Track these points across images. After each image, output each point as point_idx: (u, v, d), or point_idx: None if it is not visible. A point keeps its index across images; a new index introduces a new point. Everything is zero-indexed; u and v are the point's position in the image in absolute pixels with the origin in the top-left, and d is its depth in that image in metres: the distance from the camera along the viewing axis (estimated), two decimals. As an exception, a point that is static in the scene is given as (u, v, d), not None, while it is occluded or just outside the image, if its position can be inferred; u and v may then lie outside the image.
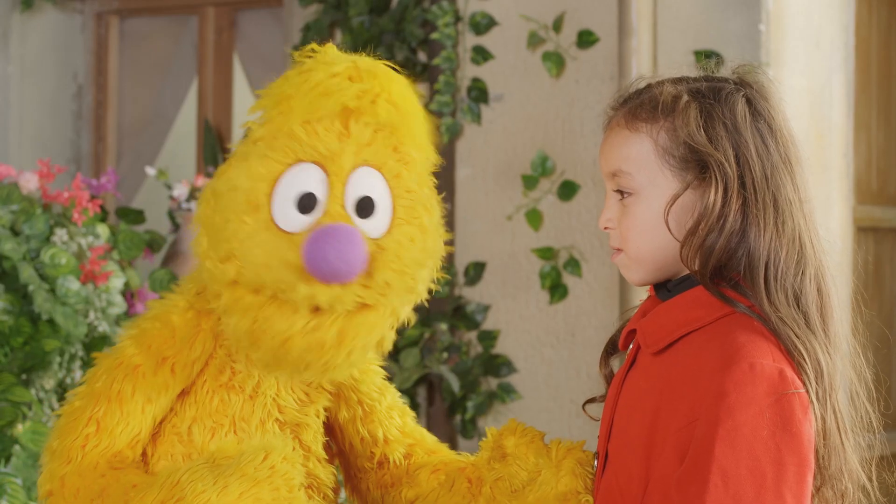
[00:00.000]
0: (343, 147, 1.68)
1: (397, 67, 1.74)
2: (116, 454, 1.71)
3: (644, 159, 1.66)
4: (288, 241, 1.65)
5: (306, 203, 1.67)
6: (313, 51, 1.72)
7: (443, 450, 1.97)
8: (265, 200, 1.66)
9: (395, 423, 1.95)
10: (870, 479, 1.68)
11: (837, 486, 1.62)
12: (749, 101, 1.68)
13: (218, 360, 1.77)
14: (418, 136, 1.75)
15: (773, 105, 1.70)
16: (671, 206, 1.64)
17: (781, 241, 1.63)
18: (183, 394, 1.76)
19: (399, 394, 2.00)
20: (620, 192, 1.69)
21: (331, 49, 1.73)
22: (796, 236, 1.64)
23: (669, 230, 1.65)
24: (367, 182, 1.70)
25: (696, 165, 1.64)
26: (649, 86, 1.72)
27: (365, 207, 1.70)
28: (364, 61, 1.71)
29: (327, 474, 1.84)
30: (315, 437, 1.85)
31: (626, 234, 1.68)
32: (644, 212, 1.66)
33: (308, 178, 1.67)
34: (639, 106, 1.69)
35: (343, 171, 1.68)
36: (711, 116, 1.66)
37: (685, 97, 1.66)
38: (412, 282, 1.74)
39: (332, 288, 1.64)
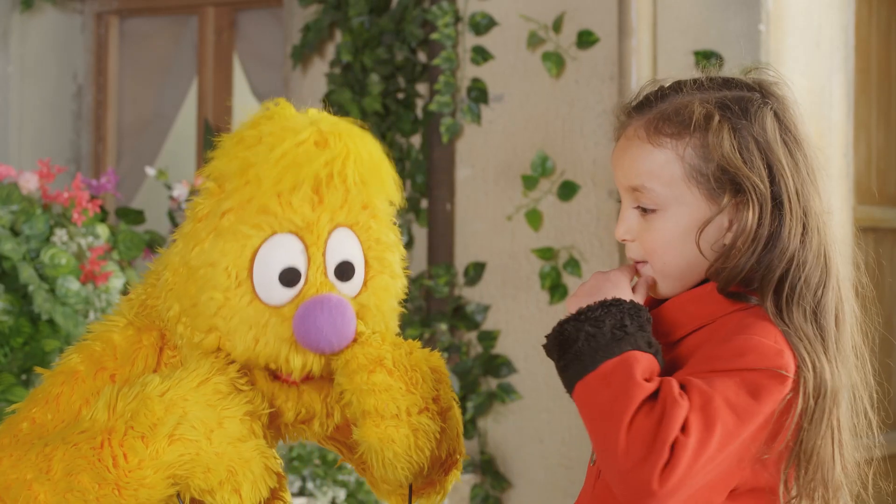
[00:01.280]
0: (318, 215, 1.69)
1: (359, 122, 1.74)
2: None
3: (669, 176, 1.63)
4: (277, 316, 1.68)
5: (290, 277, 1.68)
6: (268, 109, 1.71)
7: None
8: (246, 275, 1.67)
9: None
10: (865, 486, 1.68)
11: (817, 499, 1.62)
12: (776, 115, 1.65)
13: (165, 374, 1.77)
14: (386, 187, 1.75)
15: (794, 115, 1.67)
16: (704, 228, 1.62)
17: (807, 256, 1.62)
18: None
19: None
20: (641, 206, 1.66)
21: (286, 107, 1.72)
22: (821, 251, 1.64)
23: (700, 250, 1.63)
24: (344, 245, 1.72)
25: (730, 186, 1.62)
26: (666, 93, 1.68)
27: (345, 271, 1.72)
28: (326, 122, 1.70)
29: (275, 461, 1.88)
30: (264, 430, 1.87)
31: (650, 249, 1.65)
32: (671, 228, 1.64)
33: (288, 251, 1.68)
34: (661, 119, 1.64)
35: (321, 240, 1.70)
36: (744, 135, 1.62)
37: (717, 116, 1.62)
38: (393, 326, 1.80)
39: (324, 356, 1.69)
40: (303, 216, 1.68)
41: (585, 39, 4.00)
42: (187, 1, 5.09)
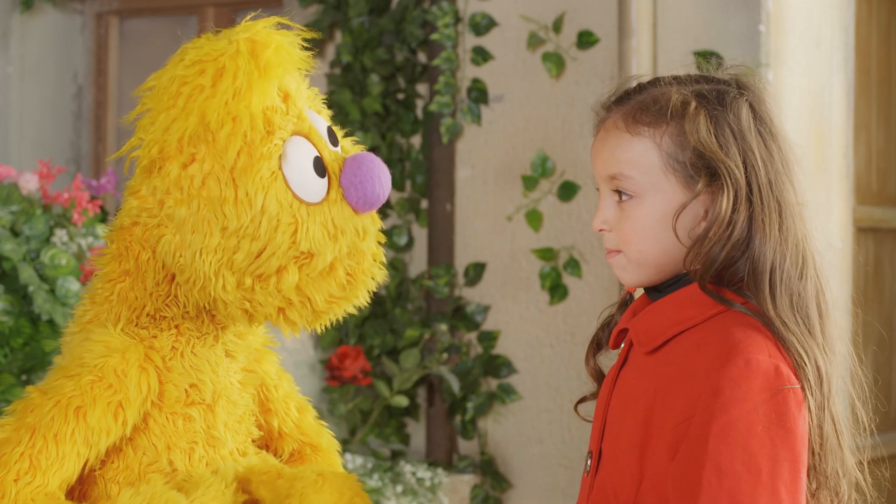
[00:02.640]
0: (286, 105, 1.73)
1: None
2: (50, 495, 1.66)
3: (647, 163, 1.65)
4: (329, 203, 1.70)
5: (319, 165, 1.71)
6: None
7: (329, 457, 1.95)
8: (290, 196, 1.68)
9: (291, 416, 1.93)
10: (865, 480, 1.69)
11: (834, 489, 1.63)
12: (752, 106, 1.68)
13: (170, 390, 1.75)
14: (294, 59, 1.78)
15: (770, 108, 1.70)
16: (679, 214, 1.64)
17: (786, 246, 1.63)
18: (139, 431, 1.73)
19: (296, 385, 1.97)
20: (618, 193, 1.68)
21: (183, 53, 1.74)
22: (798, 241, 1.65)
23: (677, 237, 1.64)
24: (317, 116, 1.76)
25: (706, 172, 1.63)
26: (644, 86, 1.70)
27: (332, 136, 1.77)
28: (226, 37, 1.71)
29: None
30: (252, 421, 1.87)
31: (626, 237, 1.67)
32: (647, 216, 1.65)
33: (297, 150, 1.70)
34: (639, 108, 1.67)
35: (305, 122, 1.73)
36: (719, 122, 1.65)
37: (693, 102, 1.65)
38: None
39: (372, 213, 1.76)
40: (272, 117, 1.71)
41: (585, 40, 4.00)
42: (187, 1, 5.09)
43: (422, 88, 4.25)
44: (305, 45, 1.74)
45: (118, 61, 5.22)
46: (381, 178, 1.70)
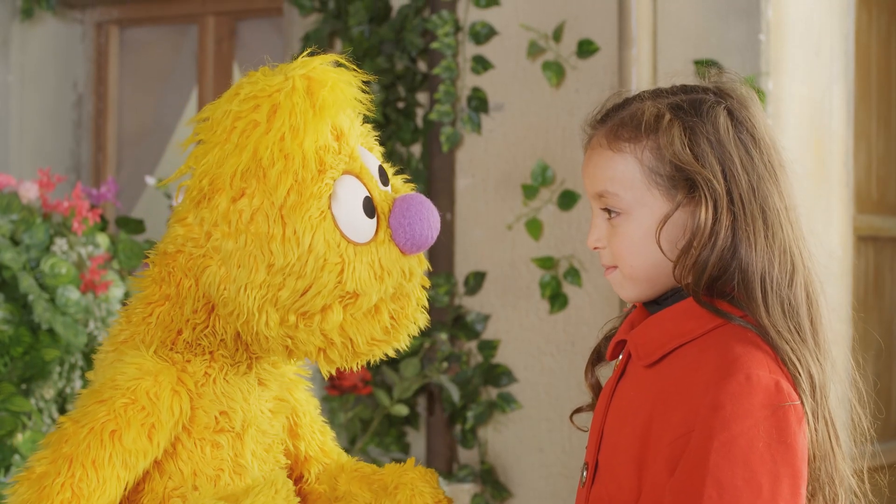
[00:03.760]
0: (340, 144, 1.72)
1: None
2: None
3: (630, 179, 1.66)
4: (377, 244, 1.70)
5: (368, 205, 1.70)
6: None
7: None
8: (339, 236, 1.68)
9: (316, 440, 1.94)
10: (864, 488, 1.69)
11: (828, 494, 1.62)
12: (730, 113, 1.67)
13: (200, 415, 1.74)
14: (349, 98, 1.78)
15: (753, 113, 1.69)
16: (662, 227, 1.64)
17: (773, 252, 1.63)
18: (167, 456, 1.73)
19: (319, 408, 1.99)
20: (608, 210, 1.68)
21: (241, 87, 1.72)
22: (786, 246, 1.64)
23: (661, 250, 1.64)
24: (369, 155, 1.76)
25: (685, 183, 1.64)
26: (626, 102, 1.71)
27: (383, 175, 1.76)
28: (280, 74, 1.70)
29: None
30: (281, 450, 1.87)
31: (618, 253, 1.67)
32: (635, 231, 1.66)
33: (349, 189, 1.70)
34: (620, 125, 1.68)
35: (357, 161, 1.72)
36: (695, 133, 1.64)
37: (667, 115, 1.65)
38: None
39: (418, 255, 1.75)
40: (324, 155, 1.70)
41: (585, 49, 4.00)
42: (187, 10, 5.09)
43: (422, 97, 4.25)
44: (362, 86, 1.75)
45: (118, 70, 5.23)
46: (430, 219, 1.70)
